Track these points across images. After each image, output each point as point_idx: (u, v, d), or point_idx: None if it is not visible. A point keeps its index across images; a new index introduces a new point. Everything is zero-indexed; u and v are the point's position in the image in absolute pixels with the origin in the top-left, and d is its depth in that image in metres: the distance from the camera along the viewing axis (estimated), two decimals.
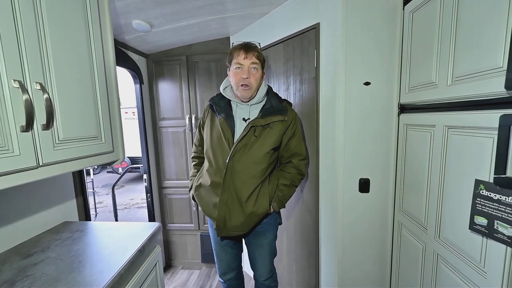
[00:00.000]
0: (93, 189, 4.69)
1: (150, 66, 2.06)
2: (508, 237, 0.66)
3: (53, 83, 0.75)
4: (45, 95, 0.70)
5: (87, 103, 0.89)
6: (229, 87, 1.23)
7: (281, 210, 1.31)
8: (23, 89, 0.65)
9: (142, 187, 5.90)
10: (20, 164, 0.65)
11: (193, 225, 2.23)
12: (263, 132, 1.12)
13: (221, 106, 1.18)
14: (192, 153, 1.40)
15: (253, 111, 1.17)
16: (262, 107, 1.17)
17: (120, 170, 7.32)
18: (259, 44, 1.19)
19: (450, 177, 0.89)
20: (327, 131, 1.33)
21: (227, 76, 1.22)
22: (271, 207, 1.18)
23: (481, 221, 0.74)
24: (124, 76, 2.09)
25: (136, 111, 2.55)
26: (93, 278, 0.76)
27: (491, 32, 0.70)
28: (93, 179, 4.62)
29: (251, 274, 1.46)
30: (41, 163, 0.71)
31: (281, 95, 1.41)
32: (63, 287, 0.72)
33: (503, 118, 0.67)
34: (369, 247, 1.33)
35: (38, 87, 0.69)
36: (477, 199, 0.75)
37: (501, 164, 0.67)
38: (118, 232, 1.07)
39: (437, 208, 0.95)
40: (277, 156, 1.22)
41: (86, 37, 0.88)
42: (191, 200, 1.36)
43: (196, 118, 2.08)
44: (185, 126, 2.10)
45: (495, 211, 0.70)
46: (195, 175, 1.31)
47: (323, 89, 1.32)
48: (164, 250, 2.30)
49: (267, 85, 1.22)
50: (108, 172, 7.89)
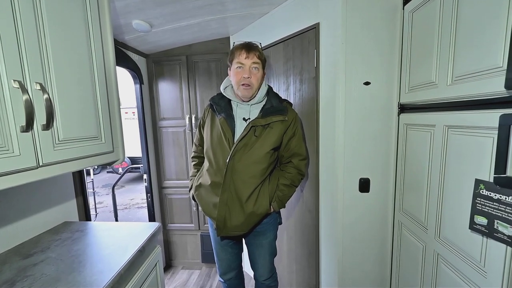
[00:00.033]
0: (93, 189, 4.69)
1: (150, 66, 2.06)
2: (508, 236, 0.66)
3: (53, 83, 0.75)
4: (45, 95, 0.70)
5: (87, 103, 0.89)
6: (229, 86, 1.23)
7: (281, 210, 1.31)
8: (23, 89, 0.65)
9: (142, 187, 5.90)
10: (20, 164, 0.65)
11: (193, 225, 2.23)
12: (263, 132, 1.12)
13: (221, 106, 1.18)
14: (192, 152, 1.40)
15: (253, 111, 1.17)
16: (263, 107, 1.17)
17: (120, 170, 7.32)
18: (260, 44, 1.20)
19: (450, 176, 0.89)
20: (327, 131, 1.33)
21: (227, 76, 1.22)
22: (271, 207, 1.18)
23: (481, 220, 0.74)
24: (124, 76, 2.09)
25: (136, 111, 2.55)
26: (93, 278, 0.76)
27: (491, 31, 0.70)
28: (93, 179, 4.62)
29: (251, 274, 1.46)
30: (41, 163, 0.71)
31: (281, 95, 1.41)
32: (63, 287, 0.72)
33: (503, 118, 0.67)
34: (369, 247, 1.33)
35: (38, 87, 0.69)
36: (477, 198, 0.75)
37: (501, 164, 0.67)
38: (118, 232, 1.07)
39: (437, 207, 0.95)
40: (277, 156, 1.22)
41: (86, 37, 0.88)
42: (191, 200, 1.36)
43: (196, 118, 2.08)
44: (185, 126, 2.10)
45: (495, 210, 0.70)
46: (195, 175, 1.31)
47: (323, 89, 1.32)
48: (164, 250, 2.30)
49: (268, 85, 1.23)
50: (108, 172, 7.89)
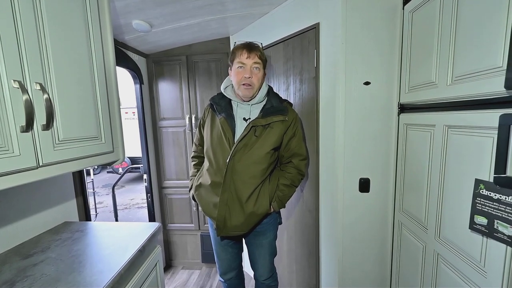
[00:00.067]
0: (93, 189, 4.69)
1: (150, 66, 2.06)
2: (508, 236, 0.66)
3: (53, 84, 0.75)
4: (45, 96, 0.70)
5: (87, 103, 0.89)
6: (229, 86, 1.23)
7: (281, 210, 1.31)
8: (23, 89, 0.65)
9: (142, 187, 5.90)
10: (20, 164, 0.65)
11: (193, 225, 2.23)
12: (263, 132, 1.12)
13: (221, 106, 1.18)
14: (192, 152, 1.40)
15: (253, 111, 1.17)
16: (263, 107, 1.17)
17: (120, 170, 7.32)
18: (261, 44, 1.20)
19: (450, 176, 0.89)
20: (327, 131, 1.33)
21: (227, 76, 1.22)
22: (271, 207, 1.18)
23: (481, 220, 0.74)
24: (124, 76, 2.09)
25: (136, 111, 2.55)
26: (93, 278, 0.76)
27: (490, 31, 0.70)
28: (93, 179, 4.62)
29: (251, 274, 1.46)
30: (41, 163, 0.71)
31: (281, 95, 1.41)
32: (63, 287, 0.72)
33: (503, 118, 0.67)
34: (369, 247, 1.33)
35: (38, 87, 0.69)
36: (477, 198, 0.75)
37: (501, 164, 0.67)
38: (118, 232, 1.07)
39: (437, 207, 0.95)
40: (277, 156, 1.22)
41: (86, 37, 0.88)
42: (191, 200, 1.36)
43: (196, 118, 2.08)
44: (185, 126, 2.10)
45: (495, 210, 0.70)
46: (195, 175, 1.31)
47: (323, 89, 1.32)
48: (164, 250, 2.30)
49: (268, 85, 1.23)
50: (108, 172, 7.89)
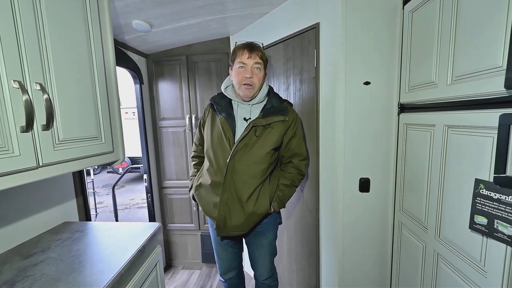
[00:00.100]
0: (93, 189, 4.69)
1: (150, 66, 2.06)
2: (508, 236, 0.66)
3: (53, 84, 0.75)
4: (45, 96, 0.70)
5: (87, 103, 0.89)
6: (230, 86, 1.23)
7: (281, 210, 1.31)
8: (23, 89, 0.65)
9: (143, 187, 5.90)
10: (20, 164, 0.65)
11: (193, 225, 2.23)
12: (264, 132, 1.12)
13: (222, 106, 1.18)
14: (192, 152, 1.40)
15: (254, 111, 1.17)
16: (263, 107, 1.17)
17: (120, 170, 7.32)
18: (262, 44, 1.20)
19: (450, 176, 0.89)
20: (327, 131, 1.33)
21: (227, 76, 1.22)
22: (272, 207, 1.18)
23: (481, 220, 0.74)
24: (124, 76, 2.09)
25: (136, 111, 2.55)
26: (93, 278, 0.76)
27: (490, 31, 0.70)
28: (93, 179, 4.62)
29: (252, 273, 1.46)
30: (41, 164, 0.71)
31: (281, 95, 1.41)
32: (64, 287, 0.72)
33: (502, 118, 0.67)
34: (369, 247, 1.33)
35: (38, 87, 0.69)
36: (477, 198, 0.75)
37: (501, 163, 0.67)
38: (119, 232, 1.07)
39: (437, 207, 0.95)
40: (277, 156, 1.22)
41: (86, 37, 0.88)
42: (191, 200, 1.36)
43: (196, 118, 2.08)
44: (185, 126, 2.10)
45: (495, 210, 0.70)
46: (195, 175, 1.31)
47: (323, 89, 1.32)
48: (165, 250, 2.30)
49: (268, 85, 1.23)
50: (108, 172, 7.89)
